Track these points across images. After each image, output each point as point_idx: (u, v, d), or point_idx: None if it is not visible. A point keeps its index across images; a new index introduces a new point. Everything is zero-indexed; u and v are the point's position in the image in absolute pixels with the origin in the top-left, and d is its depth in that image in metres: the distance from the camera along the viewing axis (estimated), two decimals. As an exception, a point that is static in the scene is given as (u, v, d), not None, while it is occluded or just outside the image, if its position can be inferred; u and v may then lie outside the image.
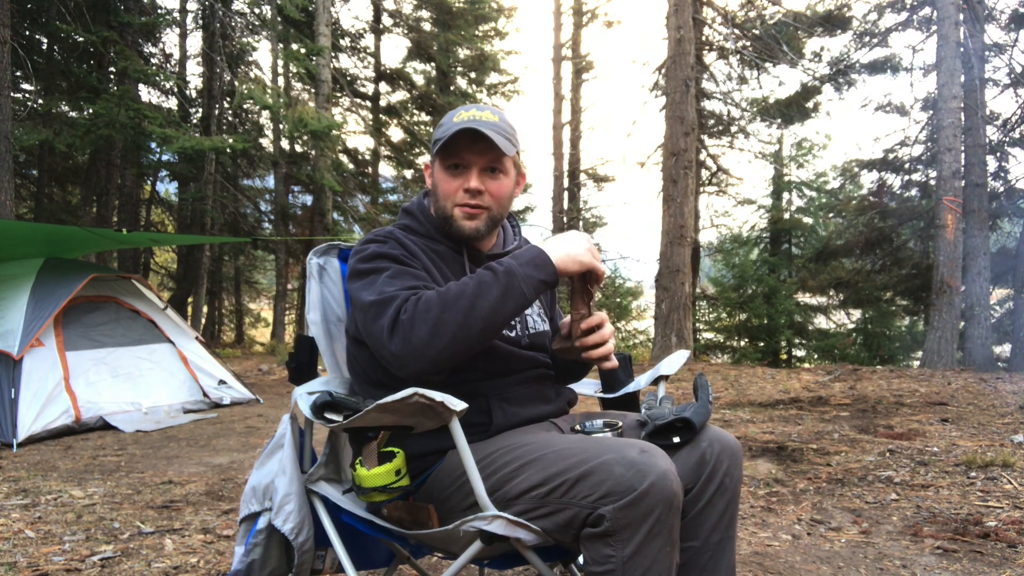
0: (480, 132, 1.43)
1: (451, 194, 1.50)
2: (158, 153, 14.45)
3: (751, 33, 12.72)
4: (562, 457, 1.24)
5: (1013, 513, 2.81)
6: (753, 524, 2.81)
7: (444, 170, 1.50)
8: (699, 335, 16.41)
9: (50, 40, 11.95)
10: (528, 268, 1.31)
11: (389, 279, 1.38)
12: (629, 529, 1.15)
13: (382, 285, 1.37)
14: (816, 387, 7.04)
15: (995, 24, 11.99)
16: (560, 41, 18.40)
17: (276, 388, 7.96)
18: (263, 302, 21.22)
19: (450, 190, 1.50)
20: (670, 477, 1.16)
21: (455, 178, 1.49)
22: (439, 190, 1.52)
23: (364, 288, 1.40)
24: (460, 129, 1.44)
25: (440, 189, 1.51)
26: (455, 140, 1.45)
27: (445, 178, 1.50)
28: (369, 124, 16.95)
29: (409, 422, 1.30)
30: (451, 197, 1.50)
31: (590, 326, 1.44)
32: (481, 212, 1.50)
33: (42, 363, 5.16)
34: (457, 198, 1.50)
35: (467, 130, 1.44)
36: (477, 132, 1.44)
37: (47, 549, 2.52)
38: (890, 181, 14.46)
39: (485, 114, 1.49)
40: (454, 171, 1.50)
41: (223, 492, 3.41)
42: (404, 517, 1.36)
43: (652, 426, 1.38)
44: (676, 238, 9.75)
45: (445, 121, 1.51)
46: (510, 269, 1.30)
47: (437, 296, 1.28)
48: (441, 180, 1.51)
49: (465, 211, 1.50)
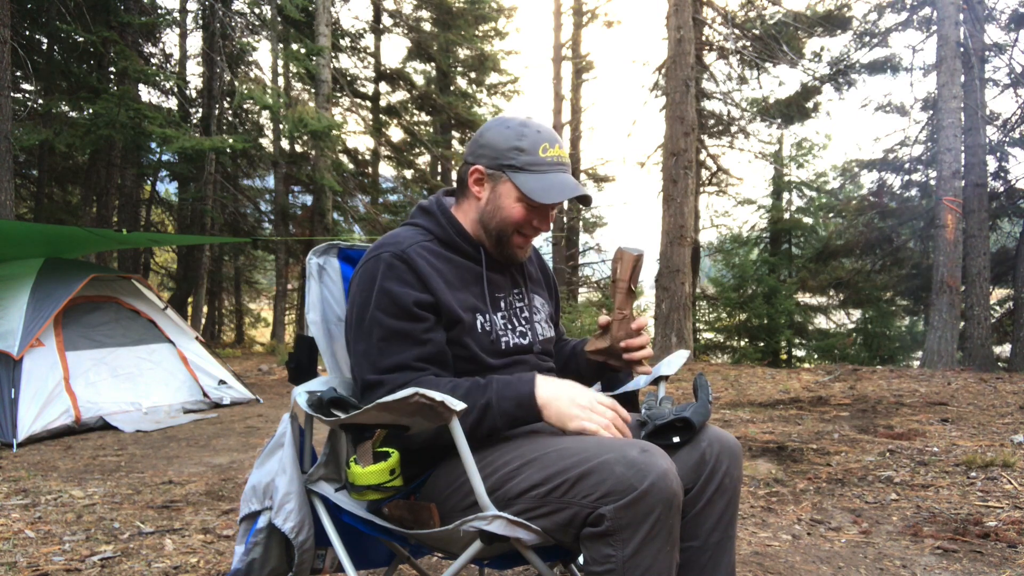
0: (582, 196, 1.48)
1: (519, 222, 1.51)
2: (158, 153, 14.46)
3: (751, 33, 12.71)
4: (562, 456, 1.24)
5: (1013, 513, 2.81)
6: (753, 524, 2.81)
7: (521, 203, 1.49)
8: (699, 335, 16.40)
9: (50, 40, 11.95)
10: (509, 404, 1.33)
11: (383, 343, 1.39)
12: (629, 529, 1.15)
13: (377, 355, 1.39)
14: (816, 387, 7.04)
15: (995, 24, 11.99)
16: (560, 41, 18.41)
17: (276, 388, 7.96)
18: (263, 302, 21.22)
19: (520, 219, 1.50)
20: (670, 477, 1.16)
21: (530, 214, 1.51)
22: (509, 218, 1.50)
23: (359, 337, 1.43)
24: (572, 196, 1.47)
25: (508, 213, 1.50)
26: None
27: (522, 211, 1.50)
28: (369, 124, 16.94)
29: (408, 421, 1.30)
30: (517, 225, 1.51)
31: (640, 327, 1.46)
32: (531, 240, 1.56)
33: (42, 363, 5.16)
34: (524, 229, 1.52)
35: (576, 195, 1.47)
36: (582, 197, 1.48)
37: (47, 549, 2.52)
38: (890, 181, 14.46)
39: (564, 153, 1.52)
40: (532, 210, 1.50)
41: (223, 492, 3.41)
42: (406, 516, 1.36)
43: (652, 426, 1.38)
44: (676, 238, 9.75)
45: (530, 149, 1.47)
46: (488, 403, 1.32)
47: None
48: (515, 211, 1.50)
49: (523, 241, 1.54)
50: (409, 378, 1.35)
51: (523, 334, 1.56)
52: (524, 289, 1.63)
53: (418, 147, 17.38)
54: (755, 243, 17.38)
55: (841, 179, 16.64)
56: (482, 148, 1.51)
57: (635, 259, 1.45)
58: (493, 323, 1.51)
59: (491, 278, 1.55)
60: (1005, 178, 12.47)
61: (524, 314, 1.60)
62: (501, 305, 1.55)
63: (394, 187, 18.14)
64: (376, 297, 1.41)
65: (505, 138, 1.49)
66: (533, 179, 1.46)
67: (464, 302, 1.47)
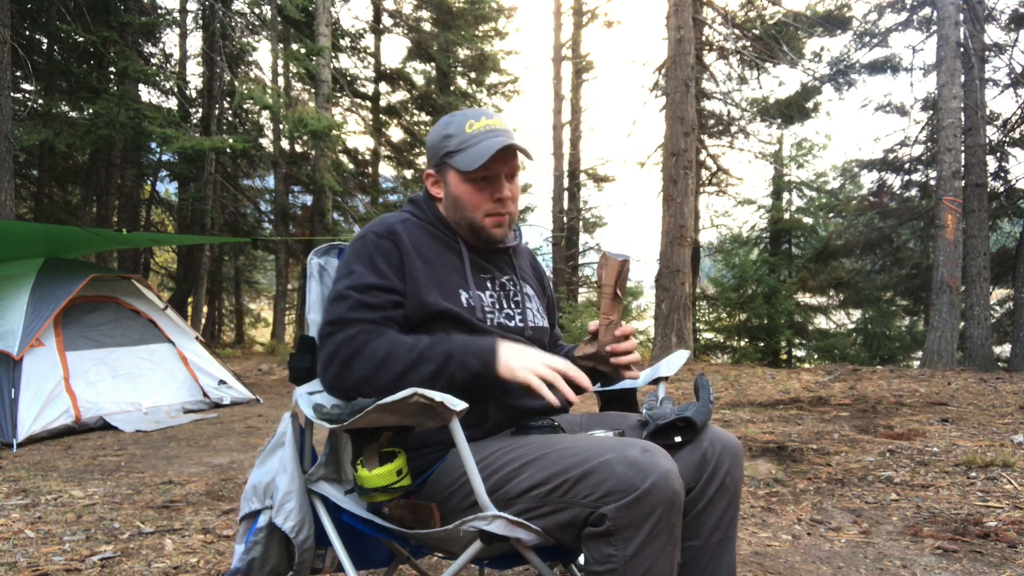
0: (513, 147, 1.48)
1: (480, 205, 1.53)
2: (158, 153, 14.46)
3: (751, 33, 12.72)
4: (563, 456, 1.24)
5: (1013, 513, 2.81)
6: (753, 524, 2.81)
7: (468, 182, 1.52)
8: (699, 335, 16.40)
9: (50, 40, 11.95)
10: (469, 356, 1.35)
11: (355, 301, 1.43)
12: (631, 528, 1.15)
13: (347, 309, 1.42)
14: (816, 387, 7.04)
15: (995, 24, 11.99)
16: (560, 41, 18.41)
17: (276, 388, 7.96)
18: (263, 302, 21.23)
19: (479, 202, 1.53)
20: (672, 477, 1.16)
21: (481, 190, 1.52)
22: (465, 202, 1.53)
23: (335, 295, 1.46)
24: (499, 149, 1.47)
25: (466, 202, 1.53)
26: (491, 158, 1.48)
27: (471, 190, 1.52)
28: (369, 124, 16.95)
29: (410, 422, 1.30)
30: (480, 208, 1.53)
31: (625, 333, 1.46)
32: (506, 217, 1.56)
33: (42, 363, 5.16)
34: (487, 208, 1.54)
35: (502, 147, 1.47)
36: (510, 148, 1.48)
37: (47, 549, 2.52)
38: (890, 181, 14.46)
39: (495, 121, 1.53)
40: (480, 183, 1.52)
41: (223, 492, 3.41)
42: (406, 516, 1.36)
43: (654, 425, 1.39)
44: (676, 238, 9.74)
45: (456, 132, 1.52)
46: (450, 352, 1.35)
47: (380, 351, 1.35)
48: (466, 193, 1.53)
49: (495, 220, 1.55)
50: (367, 328, 1.39)
51: (509, 316, 1.57)
52: (515, 276, 1.64)
53: (418, 147, 17.38)
54: (755, 243, 17.39)
55: (841, 179, 16.66)
56: (428, 152, 1.60)
57: (620, 265, 1.44)
58: (479, 299, 1.53)
59: (475, 261, 1.58)
60: (1005, 178, 12.47)
61: (516, 298, 1.60)
62: (487, 285, 1.57)
63: (394, 187, 18.14)
64: (358, 261, 1.48)
65: (437, 134, 1.56)
66: (465, 155, 1.50)
67: (444, 280, 1.50)
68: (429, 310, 1.45)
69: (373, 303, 1.43)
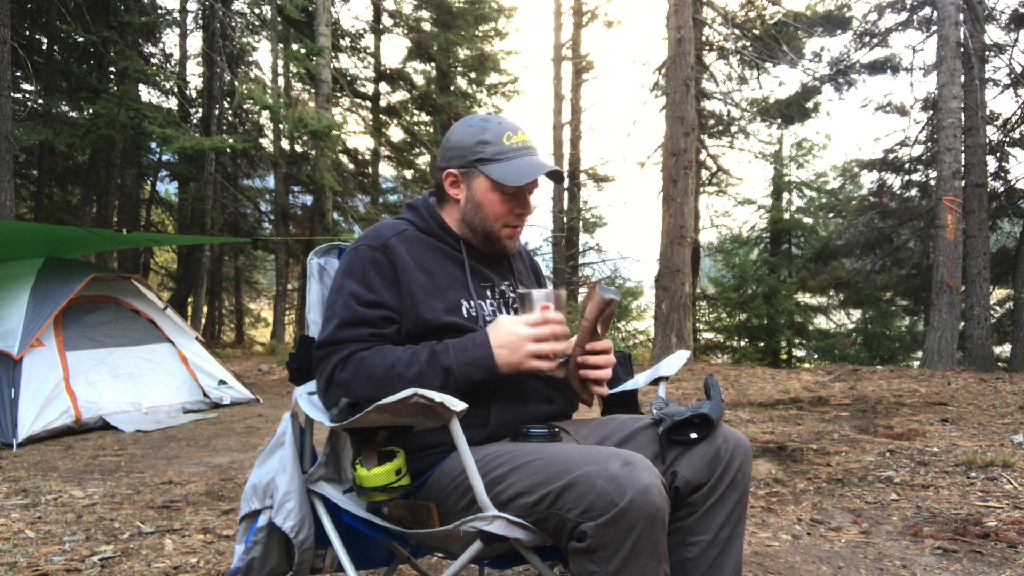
0: (553, 172, 1.51)
1: (502, 217, 1.55)
2: (158, 153, 14.45)
3: (751, 33, 12.72)
4: (548, 465, 1.24)
5: (1013, 513, 2.81)
6: (753, 524, 2.81)
7: (498, 192, 1.53)
8: (699, 335, 16.40)
9: (50, 40, 11.94)
10: (469, 368, 1.36)
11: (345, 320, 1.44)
12: (612, 546, 1.13)
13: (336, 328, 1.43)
14: (816, 387, 7.04)
15: (995, 24, 11.99)
16: (560, 41, 18.39)
17: (276, 388, 7.96)
18: (263, 302, 21.21)
19: (502, 213, 1.55)
20: (652, 491, 1.14)
21: (507, 202, 1.54)
22: (488, 211, 1.55)
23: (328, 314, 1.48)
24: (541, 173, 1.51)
25: (490, 210, 1.54)
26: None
27: (498, 200, 1.54)
28: (369, 124, 16.94)
29: (409, 422, 1.30)
30: (501, 219, 1.56)
31: (602, 348, 1.47)
32: (519, 230, 1.60)
33: (42, 363, 5.16)
34: (507, 220, 1.56)
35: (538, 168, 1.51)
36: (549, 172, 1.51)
37: (47, 549, 2.52)
38: (890, 181, 14.46)
39: (527, 137, 1.56)
40: (509, 196, 1.54)
41: (223, 492, 3.41)
42: (405, 516, 1.36)
43: (670, 422, 1.38)
44: (676, 238, 9.74)
45: (494, 140, 1.53)
46: (449, 367, 1.36)
47: (377, 369, 1.36)
48: (492, 202, 1.54)
49: (511, 232, 1.58)
50: (359, 346, 1.41)
51: None
52: (514, 281, 1.65)
53: (418, 147, 17.37)
54: (755, 243, 17.37)
55: (841, 179, 16.64)
56: (451, 151, 1.56)
57: (604, 303, 1.41)
58: (480, 309, 1.53)
59: (476, 269, 1.58)
60: (1005, 178, 12.47)
61: (514, 304, 1.61)
62: (487, 294, 1.58)
63: (394, 187, 18.12)
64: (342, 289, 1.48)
65: (470, 135, 1.54)
66: (502, 167, 1.51)
67: (445, 291, 1.50)
68: (429, 326, 1.45)
69: (364, 319, 1.43)
